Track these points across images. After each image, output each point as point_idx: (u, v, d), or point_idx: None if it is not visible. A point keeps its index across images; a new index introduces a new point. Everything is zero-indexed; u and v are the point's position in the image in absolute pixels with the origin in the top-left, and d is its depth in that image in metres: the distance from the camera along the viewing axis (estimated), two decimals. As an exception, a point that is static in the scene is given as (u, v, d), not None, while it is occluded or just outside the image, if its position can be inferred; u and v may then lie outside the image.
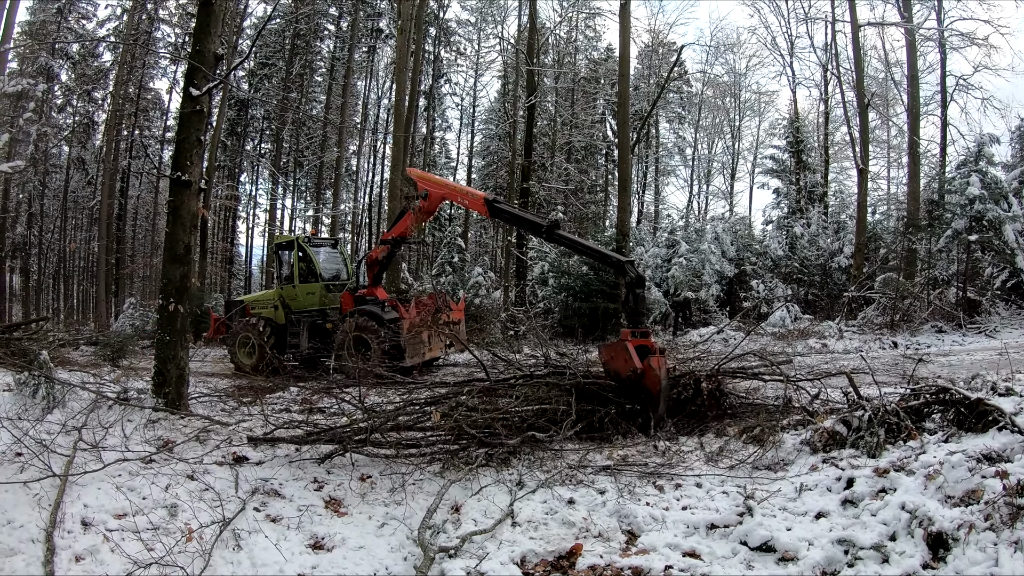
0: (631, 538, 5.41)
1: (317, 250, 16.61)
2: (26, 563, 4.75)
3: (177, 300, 9.16)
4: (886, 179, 40.64)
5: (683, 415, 8.99)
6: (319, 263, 16.24)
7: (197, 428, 8.24)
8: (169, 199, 9.54)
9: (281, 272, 16.78)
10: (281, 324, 15.90)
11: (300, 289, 15.96)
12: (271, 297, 16.43)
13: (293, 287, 16.03)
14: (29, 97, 32.58)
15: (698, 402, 9.19)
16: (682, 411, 9.07)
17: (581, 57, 42.12)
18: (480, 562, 4.99)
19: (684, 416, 8.97)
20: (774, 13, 36.56)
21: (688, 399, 9.24)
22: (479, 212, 13.12)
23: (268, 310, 16.17)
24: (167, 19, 37.21)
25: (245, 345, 15.91)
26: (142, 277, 41.68)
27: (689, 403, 9.20)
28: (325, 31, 41.34)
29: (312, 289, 15.89)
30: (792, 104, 38.92)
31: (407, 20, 23.85)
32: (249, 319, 16.06)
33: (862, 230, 24.66)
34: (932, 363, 12.39)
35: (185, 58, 16.68)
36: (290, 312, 15.89)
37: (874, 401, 6.97)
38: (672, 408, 8.98)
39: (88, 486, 5.90)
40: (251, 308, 16.56)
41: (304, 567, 5.07)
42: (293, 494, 6.34)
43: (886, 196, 37.40)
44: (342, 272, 16.99)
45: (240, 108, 39.68)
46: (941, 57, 26.70)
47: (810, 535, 4.96)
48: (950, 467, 5.10)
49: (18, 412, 7.79)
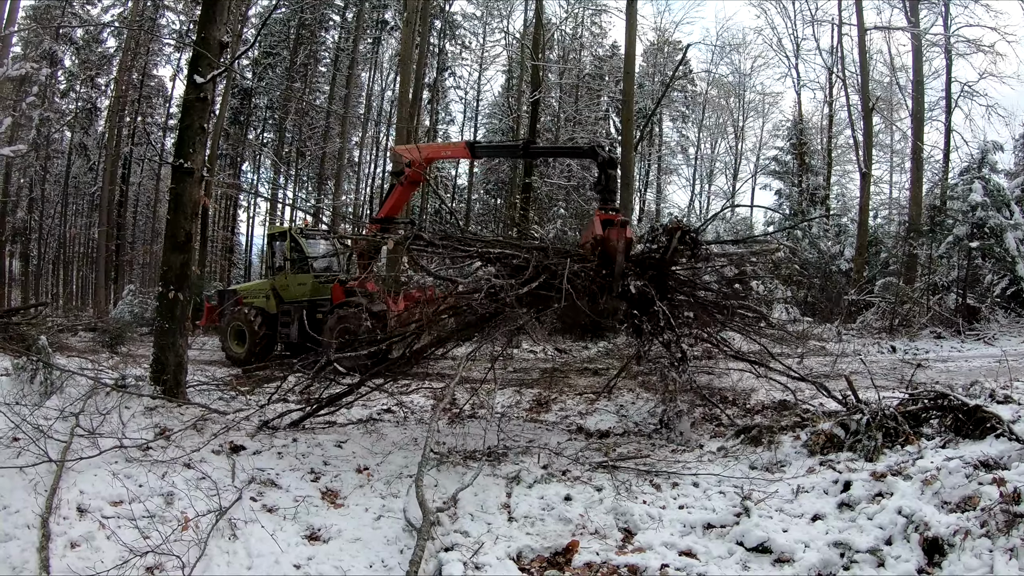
0: (627, 536, 5.40)
1: (310, 241, 16.72)
2: (21, 548, 4.75)
3: (177, 288, 9.17)
4: (889, 183, 40.69)
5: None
6: (311, 254, 16.35)
7: (194, 417, 8.23)
8: (171, 187, 9.55)
9: (274, 262, 16.85)
10: (273, 314, 16.00)
11: (292, 279, 16.07)
12: (264, 287, 16.50)
13: (285, 277, 16.16)
14: (33, 81, 32.53)
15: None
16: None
17: (586, 54, 41.98)
18: (476, 555, 4.99)
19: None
20: (781, 14, 36.39)
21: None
22: (464, 158, 14.43)
23: (260, 299, 16.29)
24: (171, 6, 37.16)
25: (237, 333, 16.05)
26: (142, 264, 41.66)
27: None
28: (330, 21, 41.32)
29: (304, 280, 15.97)
30: (796, 106, 38.82)
31: (413, 12, 23.82)
32: (241, 308, 16.18)
33: (863, 234, 24.68)
34: (930, 368, 12.38)
35: (189, 45, 16.64)
36: (282, 302, 16.00)
37: (872, 405, 6.97)
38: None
39: (85, 472, 5.90)
40: (244, 297, 16.72)
41: (300, 558, 5.06)
42: (290, 484, 6.33)
43: (888, 200, 37.49)
44: (334, 263, 17.02)
45: (243, 97, 39.62)
46: (947, 63, 26.66)
47: (806, 537, 4.95)
48: (947, 473, 5.10)
49: (15, 397, 7.81)
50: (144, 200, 44.28)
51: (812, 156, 37.23)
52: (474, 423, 9.31)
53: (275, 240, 17.13)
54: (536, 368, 13.93)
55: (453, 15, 42.62)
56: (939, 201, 23.39)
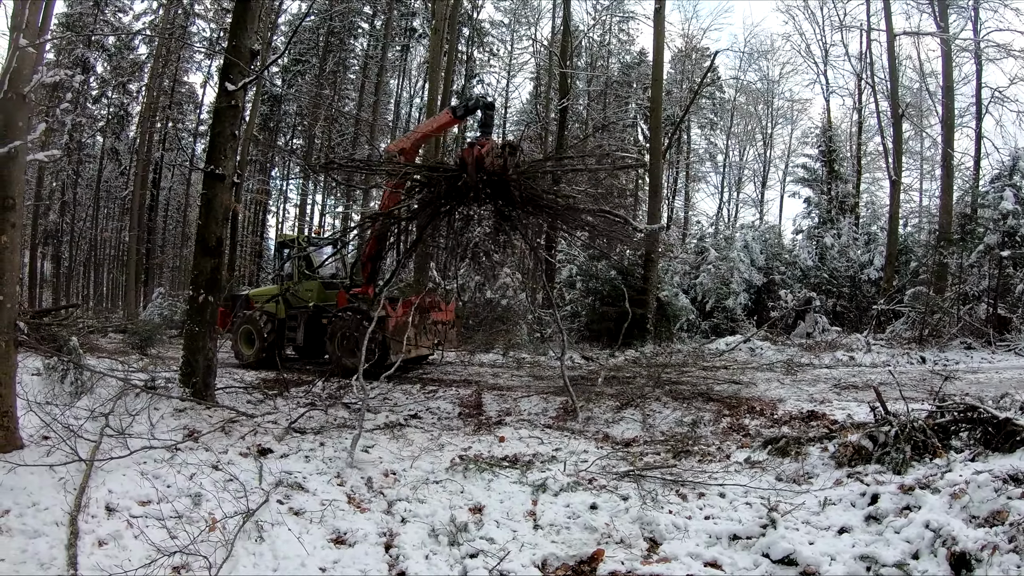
0: (653, 546, 5.38)
1: (317, 249, 17.30)
2: (50, 545, 4.83)
3: (208, 292, 9.28)
4: (919, 191, 40.25)
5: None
6: (318, 261, 16.89)
7: (223, 419, 8.33)
8: (202, 192, 9.68)
9: (283, 269, 17.21)
10: (281, 318, 16.38)
11: (299, 285, 16.47)
12: (273, 292, 16.85)
13: (293, 283, 16.55)
14: (67, 88, 33.06)
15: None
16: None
17: (614, 60, 41.96)
18: (501, 562, 5.00)
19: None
20: (809, 20, 36.32)
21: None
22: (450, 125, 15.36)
23: (270, 304, 16.65)
24: (202, 14, 37.63)
25: (246, 336, 16.43)
26: (171, 267, 42.16)
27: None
28: (359, 29, 41.58)
29: (311, 286, 16.35)
30: (825, 113, 38.50)
31: (441, 20, 23.92)
32: (252, 312, 16.56)
33: (893, 242, 24.40)
34: (960, 380, 12.21)
35: (220, 52, 16.87)
36: (289, 307, 16.36)
37: (901, 417, 6.89)
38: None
39: (113, 472, 5.99)
40: (254, 302, 17.08)
41: (326, 561, 5.09)
42: (316, 488, 6.38)
43: (918, 208, 37.07)
44: (340, 270, 17.51)
45: (273, 103, 39.99)
46: (976, 68, 26.35)
47: (833, 550, 4.91)
48: (976, 487, 5.04)
49: (47, 396, 7.93)
50: (174, 204, 44.82)
51: (841, 163, 36.83)
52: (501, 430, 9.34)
53: (283, 247, 17.62)
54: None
55: (481, 22, 42.78)
56: (970, 209, 23.05)
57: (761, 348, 17.89)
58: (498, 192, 11.22)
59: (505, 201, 11.35)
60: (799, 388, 11.74)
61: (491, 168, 11.04)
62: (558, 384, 12.06)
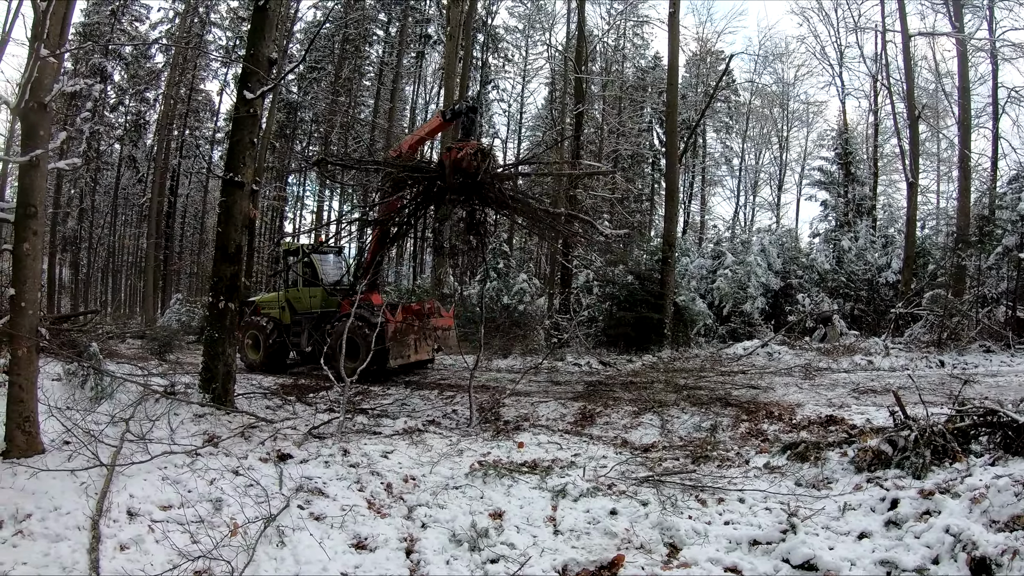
0: (673, 551, 5.39)
1: (321, 257, 17.48)
2: (72, 549, 4.87)
3: (227, 298, 9.34)
4: (936, 193, 39.87)
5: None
6: (322, 269, 17.10)
7: (242, 424, 8.38)
8: (221, 199, 9.74)
9: (288, 276, 17.46)
10: (287, 324, 16.70)
11: (304, 292, 16.75)
12: (279, 298, 17.02)
13: (298, 290, 16.85)
14: (86, 97, 33.37)
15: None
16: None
17: (629, 65, 41.92)
18: (521, 568, 5.01)
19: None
20: (823, 22, 36.11)
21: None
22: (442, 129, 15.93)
23: (276, 310, 16.96)
24: (218, 22, 37.97)
25: (253, 341, 16.75)
26: (189, 274, 42.43)
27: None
28: (374, 36, 41.74)
29: (315, 293, 16.65)
30: (841, 115, 38.29)
31: (456, 26, 24.02)
32: (259, 317, 16.88)
33: (911, 245, 24.18)
34: (979, 383, 12.10)
35: (236, 61, 17.02)
36: (295, 313, 16.68)
37: (921, 421, 6.86)
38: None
39: (135, 477, 6.04)
40: (261, 308, 17.41)
41: (347, 566, 5.13)
42: (336, 493, 6.41)
43: (935, 210, 36.71)
44: (344, 277, 17.77)
45: (289, 111, 40.18)
46: (992, 68, 26.10)
47: (853, 555, 4.91)
48: (996, 491, 5.02)
49: (67, 402, 7.98)
50: (192, 211, 45.12)
51: (858, 166, 36.60)
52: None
53: (288, 255, 17.81)
54: (581, 381, 13.95)
55: (496, 28, 42.91)
56: (988, 210, 22.85)
57: (779, 352, 17.80)
58: (472, 192, 12.45)
59: (479, 201, 12.76)
60: (817, 392, 11.68)
61: (468, 169, 12.10)
62: (576, 389, 12.08)
